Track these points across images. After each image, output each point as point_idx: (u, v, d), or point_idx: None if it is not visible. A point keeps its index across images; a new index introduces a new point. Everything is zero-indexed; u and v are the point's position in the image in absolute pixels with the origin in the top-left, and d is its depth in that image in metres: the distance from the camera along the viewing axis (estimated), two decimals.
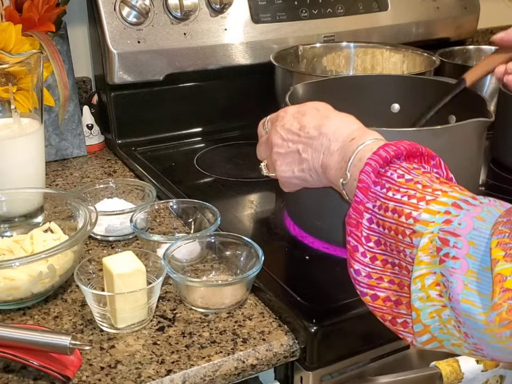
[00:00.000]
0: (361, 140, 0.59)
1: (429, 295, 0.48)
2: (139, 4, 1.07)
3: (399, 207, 0.51)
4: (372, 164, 0.54)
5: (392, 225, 0.52)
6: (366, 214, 0.54)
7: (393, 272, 0.53)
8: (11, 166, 0.82)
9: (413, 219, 0.50)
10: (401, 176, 0.53)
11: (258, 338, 0.66)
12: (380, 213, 0.53)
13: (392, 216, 0.52)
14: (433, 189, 0.51)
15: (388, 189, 0.53)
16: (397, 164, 0.55)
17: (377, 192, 0.54)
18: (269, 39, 1.18)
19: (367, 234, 0.54)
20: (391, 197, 0.52)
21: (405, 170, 0.54)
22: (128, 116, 1.14)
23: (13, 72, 0.88)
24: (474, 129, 0.75)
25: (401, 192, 0.52)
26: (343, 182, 0.59)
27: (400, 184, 0.53)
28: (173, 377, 0.61)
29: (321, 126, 0.64)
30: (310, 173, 0.66)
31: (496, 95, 1.11)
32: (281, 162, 0.68)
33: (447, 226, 0.47)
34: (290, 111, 0.68)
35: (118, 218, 0.83)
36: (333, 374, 0.70)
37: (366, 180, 0.54)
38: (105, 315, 0.66)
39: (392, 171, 0.54)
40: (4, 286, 0.68)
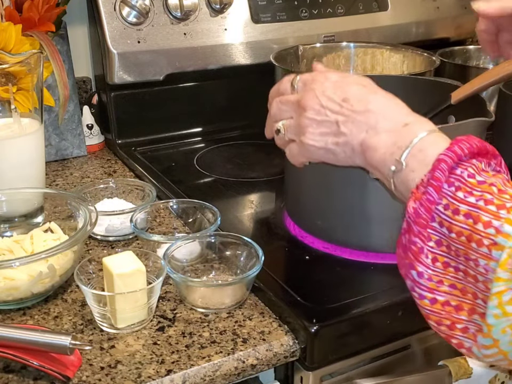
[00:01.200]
0: (418, 128, 0.55)
1: (505, 311, 0.46)
2: (139, 4, 1.07)
3: (475, 212, 0.47)
4: (448, 161, 0.50)
5: (464, 230, 0.48)
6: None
7: (456, 277, 0.50)
8: (11, 166, 0.82)
9: (495, 229, 0.46)
10: (472, 176, 0.49)
11: (258, 338, 0.66)
12: (446, 213, 0.49)
13: (466, 221, 0.48)
14: (510, 195, 0.48)
15: (458, 188, 0.49)
16: (467, 161, 0.51)
17: (444, 191, 0.50)
18: (269, 39, 1.18)
19: (427, 233, 0.50)
20: (463, 199, 0.48)
21: (475, 169, 0.50)
22: (128, 116, 1.14)
23: (13, 72, 0.88)
24: (474, 128, 0.75)
25: (475, 196, 0.48)
26: (394, 170, 0.54)
27: (472, 186, 0.49)
28: (173, 377, 0.61)
29: (368, 101, 0.58)
30: (343, 148, 0.60)
31: (496, 95, 1.11)
32: (314, 130, 0.61)
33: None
34: (332, 77, 0.62)
35: (118, 218, 0.83)
36: (333, 374, 0.70)
37: (441, 178, 0.49)
38: (105, 315, 0.66)
39: (461, 169, 0.50)
40: (4, 286, 0.68)
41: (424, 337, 0.74)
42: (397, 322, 0.70)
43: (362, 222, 0.76)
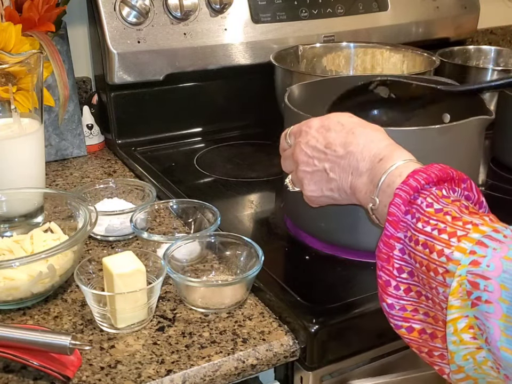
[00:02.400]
0: (389, 161, 0.57)
1: (462, 338, 0.47)
2: (139, 4, 1.07)
3: (430, 242, 0.49)
4: (402, 195, 0.52)
5: (423, 260, 0.50)
6: (398, 244, 0.52)
7: (427, 305, 0.52)
8: (11, 166, 0.83)
9: (446, 257, 0.48)
10: (430, 205, 0.51)
11: (258, 338, 0.66)
12: (410, 245, 0.51)
13: (423, 251, 0.50)
14: (464, 222, 0.49)
15: (418, 219, 0.51)
16: (426, 190, 0.53)
17: (407, 222, 0.52)
18: (269, 39, 1.18)
19: (399, 265, 0.52)
20: (421, 229, 0.50)
21: (434, 198, 0.52)
22: (128, 116, 1.14)
23: (13, 72, 0.88)
24: (475, 127, 0.75)
25: (431, 225, 0.50)
26: (372, 208, 0.57)
27: (429, 215, 0.50)
28: (173, 377, 0.61)
29: (347, 143, 0.61)
30: (338, 193, 0.63)
31: (496, 95, 1.11)
32: (309, 181, 0.65)
33: (475, 268, 0.46)
34: (314, 125, 0.65)
35: (118, 218, 0.83)
36: (333, 374, 0.70)
37: (396, 213, 0.52)
38: (105, 315, 0.66)
39: (421, 198, 0.52)
40: (4, 286, 0.68)
41: None
42: None
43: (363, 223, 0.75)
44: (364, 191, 0.59)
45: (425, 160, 0.72)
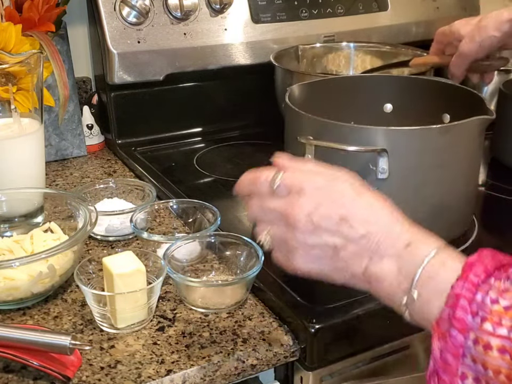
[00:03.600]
0: (422, 248, 0.50)
1: None
2: (139, 4, 1.07)
3: (509, 346, 0.42)
4: (467, 296, 0.45)
5: (502, 368, 0.43)
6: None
7: None
8: (11, 166, 0.83)
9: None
10: (495, 302, 0.44)
11: (258, 338, 0.65)
12: (477, 349, 0.44)
13: (502, 356, 0.42)
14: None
15: (484, 319, 0.44)
16: (485, 283, 0.45)
17: (467, 323, 0.44)
18: (269, 39, 1.18)
19: (461, 372, 0.45)
20: (492, 332, 0.43)
21: (497, 292, 0.45)
22: (128, 116, 1.14)
23: (13, 72, 0.88)
24: (475, 127, 0.75)
25: (506, 326, 0.43)
26: (407, 302, 0.49)
27: (499, 314, 0.43)
28: (173, 377, 0.61)
29: (368, 221, 0.52)
30: (343, 274, 0.53)
31: (496, 95, 1.11)
32: (306, 254, 0.54)
33: None
34: (319, 182, 0.54)
35: (118, 218, 0.83)
36: (333, 374, 0.70)
37: (464, 318, 0.44)
38: (105, 315, 0.66)
39: (482, 293, 0.45)
40: (4, 286, 0.68)
41: (424, 337, 0.74)
42: (397, 322, 0.70)
43: None
44: (389, 282, 0.50)
45: (426, 160, 0.73)
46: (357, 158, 0.72)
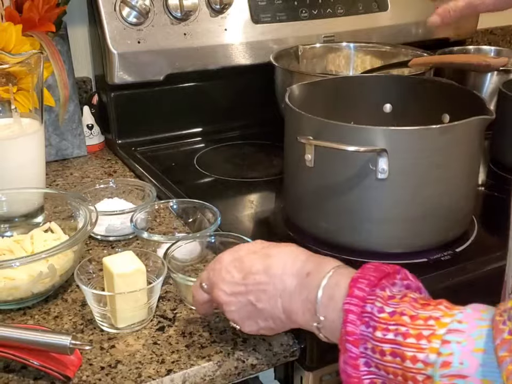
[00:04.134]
0: (318, 273, 0.54)
1: None
2: (139, 4, 1.07)
3: (398, 350, 0.46)
4: (354, 310, 0.49)
5: (397, 370, 0.46)
6: (361, 358, 0.48)
7: None
8: (11, 166, 0.83)
9: (422, 363, 0.44)
10: (381, 311, 0.48)
11: (258, 338, 0.66)
12: (376, 357, 0.47)
13: (394, 360, 0.46)
14: (423, 319, 0.46)
15: (374, 328, 0.47)
16: (371, 294, 0.49)
17: (363, 333, 0.48)
18: (269, 39, 1.18)
19: (370, 379, 0.48)
20: (382, 338, 0.47)
21: (381, 301, 0.48)
22: (128, 116, 1.14)
23: (13, 72, 0.88)
24: (475, 127, 0.76)
25: (392, 331, 0.46)
26: (318, 326, 0.53)
27: (385, 321, 0.47)
28: (173, 377, 0.61)
29: (267, 267, 0.57)
30: (273, 322, 0.58)
31: (496, 95, 1.11)
32: (241, 319, 0.60)
33: (448, 370, 0.43)
34: (225, 260, 0.61)
35: (118, 218, 0.83)
36: (333, 374, 0.70)
37: (355, 331, 0.48)
38: (106, 315, 0.66)
39: (370, 305, 0.48)
40: (4, 286, 0.68)
41: None
42: None
43: (363, 223, 0.76)
44: (301, 312, 0.55)
45: (426, 160, 0.73)
46: (356, 158, 0.72)
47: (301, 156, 0.75)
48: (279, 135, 0.86)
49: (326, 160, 0.75)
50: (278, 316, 0.57)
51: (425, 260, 0.76)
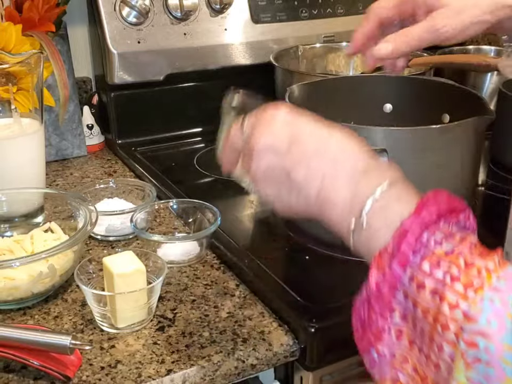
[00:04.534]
0: (379, 176, 0.48)
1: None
2: (139, 4, 1.07)
3: (441, 290, 0.41)
4: (415, 232, 0.43)
5: (430, 310, 0.42)
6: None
7: (419, 360, 0.44)
8: (11, 166, 0.83)
9: (462, 313, 0.40)
10: (438, 244, 0.43)
11: (258, 338, 0.66)
12: (411, 286, 0.43)
13: (432, 299, 0.41)
14: (478, 268, 0.41)
15: (423, 258, 0.43)
16: (434, 224, 0.44)
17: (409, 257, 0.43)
18: (269, 39, 1.18)
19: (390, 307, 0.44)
20: (428, 272, 0.42)
21: (442, 235, 0.44)
22: (128, 116, 1.14)
23: (13, 72, 0.88)
24: (476, 126, 0.76)
25: (442, 269, 0.42)
26: (354, 229, 0.47)
27: (439, 256, 0.42)
28: (173, 377, 0.61)
29: (322, 141, 0.50)
30: (297, 199, 0.51)
31: (496, 95, 1.11)
32: (264, 180, 0.53)
33: (472, 325, 0.39)
34: (280, 117, 0.53)
35: (118, 218, 0.83)
36: (333, 374, 0.70)
37: (408, 254, 0.43)
38: (106, 315, 0.66)
39: (428, 233, 0.44)
40: (4, 286, 0.68)
41: None
42: None
43: None
44: (341, 207, 0.48)
45: (426, 160, 0.73)
46: None
47: None
48: None
49: None
50: (309, 196, 0.50)
51: None
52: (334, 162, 0.49)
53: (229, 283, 0.75)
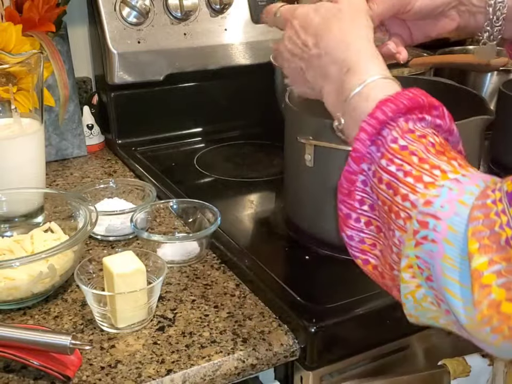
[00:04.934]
0: (357, 76, 0.53)
1: (403, 277, 0.47)
2: (139, 4, 1.07)
3: (394, 184, 0.47)
4: (368, 130, 0.49)
5: (386, 200, 0.48)
6: (361, 175, 0.50)
7: (384, 244, 0.51)
8: (11, 166, 0.83)
9: (410, 203, 0.46)
10: (395, 141, 0.48)
11: (258, 338, 0.66)
12: (374, 181, 0.49)
13: (387, 191, 0.48)
14: (431, 165, 0.46)
15: (382, 155, 0.48)
16: (393, 120, 0.49)
17: (372, 154, 0.49)
18: (269, 39, 1.18)
19: (361, 197, 0.51)
20: (385, 167, 0.48)
21: (399, 132, 0.48)
22: (128, 116, 1.14)
23: (13, 72, 0.88)
24: (475, 127, 0.76)
25: (396, 164, 0.47)
26: (338, 126, 0.54)
27: (394, 152, 0.48)
28: (173, 377, 0.61)
29: (318, 41, 0.56)
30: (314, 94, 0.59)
31: (496, 95, 1.11)
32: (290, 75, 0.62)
33: (427, 208, 0.44)
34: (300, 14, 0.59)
35: (118, 218, 0.83)
36: (333, 374, 0.70)
37: (360, 149, 0.49)
38: (106, 315, 0.66)
39: (388, 130, 0.49)
40: (4, 286, 0.68)
41: (424, 337, 0.74)
42: (397, 322, 0.70)
43: None
44: (331, 102, 0.56)
45: None
46: None
47: (301, 156, 0.76)
48: (279, 135, 0.86)
49: (326, 160, 0.75)
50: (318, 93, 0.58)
51: None
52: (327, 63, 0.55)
53: (229, 283, 0.75)
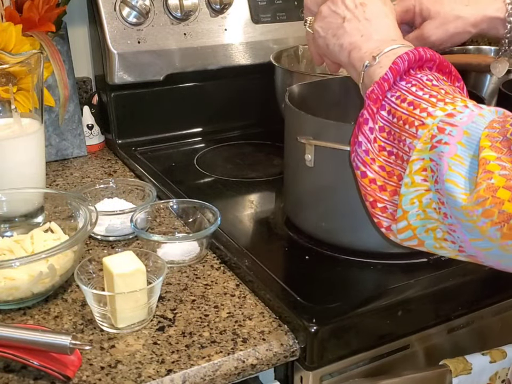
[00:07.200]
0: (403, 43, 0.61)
1: (413, 180, 0.51)
2: (139, 4, 1.07)
3: (417, 101, 0.54)
4: (410, 55, 0.57)
5: (404, 115, 0.54)
6: (386, 104, 0.56)
7: (387, 161, 0.56)
8: (11, 166, 0.83)
9: (427, 113, 0.52)
10: (429, 80, 0.56)
11: (258, 338, 0.66)
12: (395, 102, 0.56)
13: (407, 107, 0.54)
14: (455, 96, 0.54)
15: (414, 85, 0.56)
16: (428, 71, 0.58)
17: (400, 86, 0.56)
18: (269, 39, 1.18)
19: (382, 124, 0.57)
20: (413, 92, 0.55)
21: (434, 77, 0.57)
22: (128, 116, 1.14)
23: (13, 72, 0.88)
24: None
25: (425, 91, 0.55)
26: (367, 64, 0.61)
27: (426, 85, 0.55)
28: (173, 377, 0.61)
29: (376, 13, 0.65)
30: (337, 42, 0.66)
31: (496, 95, 1.11)
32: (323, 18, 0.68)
33: (448, 118, 0.50)
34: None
35: (118, 218, 0.83)
36: (333, 374, 0.70)
37: (399, 64, 0.56)
38: (106, 315, 0.66)
39: (423, 74, 0.57)
40: (4, 286, 0.68)
41: (424, 337, 0.74)
42: (397, 322, 0.70)
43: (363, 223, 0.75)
44: (365, 51, 0.62)
45: None
46: None
47: (301, 155, 0.76)
48: (279, 135, 0.86)
49: (326, 160, 0.75)
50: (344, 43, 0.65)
51: (425, 260, 0.76)
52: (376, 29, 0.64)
53: (229, 283, 0.75)
